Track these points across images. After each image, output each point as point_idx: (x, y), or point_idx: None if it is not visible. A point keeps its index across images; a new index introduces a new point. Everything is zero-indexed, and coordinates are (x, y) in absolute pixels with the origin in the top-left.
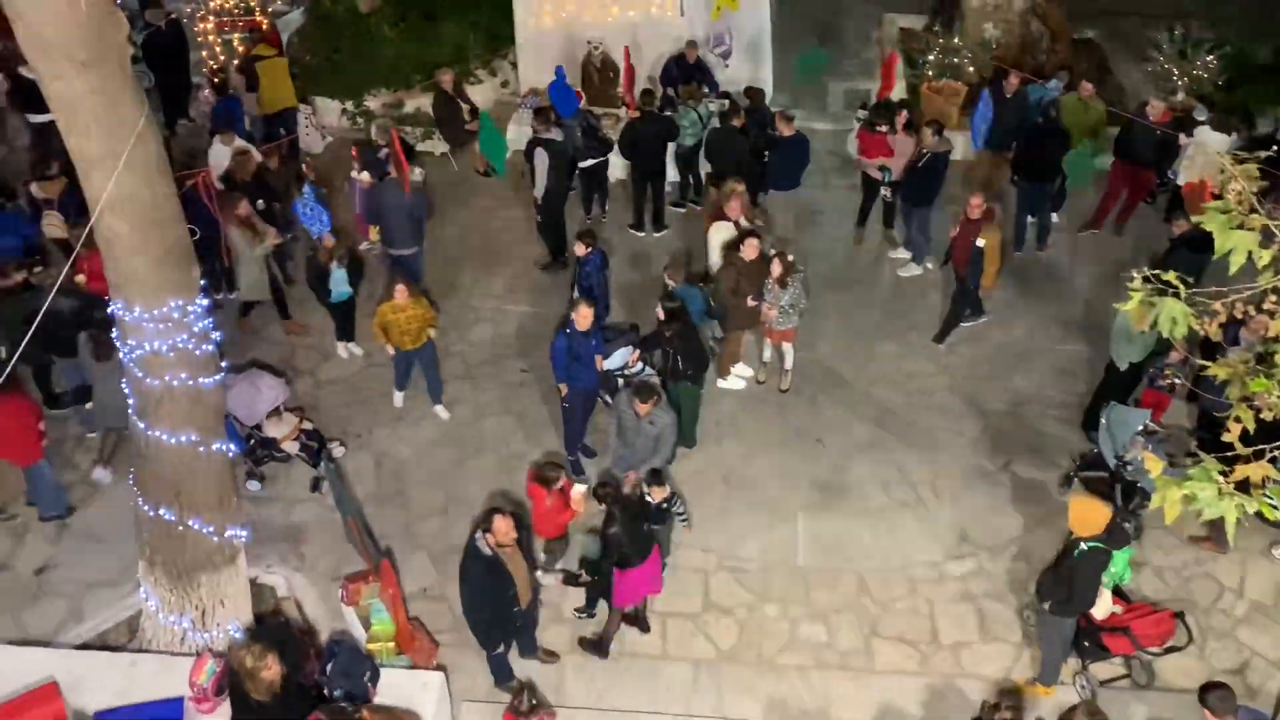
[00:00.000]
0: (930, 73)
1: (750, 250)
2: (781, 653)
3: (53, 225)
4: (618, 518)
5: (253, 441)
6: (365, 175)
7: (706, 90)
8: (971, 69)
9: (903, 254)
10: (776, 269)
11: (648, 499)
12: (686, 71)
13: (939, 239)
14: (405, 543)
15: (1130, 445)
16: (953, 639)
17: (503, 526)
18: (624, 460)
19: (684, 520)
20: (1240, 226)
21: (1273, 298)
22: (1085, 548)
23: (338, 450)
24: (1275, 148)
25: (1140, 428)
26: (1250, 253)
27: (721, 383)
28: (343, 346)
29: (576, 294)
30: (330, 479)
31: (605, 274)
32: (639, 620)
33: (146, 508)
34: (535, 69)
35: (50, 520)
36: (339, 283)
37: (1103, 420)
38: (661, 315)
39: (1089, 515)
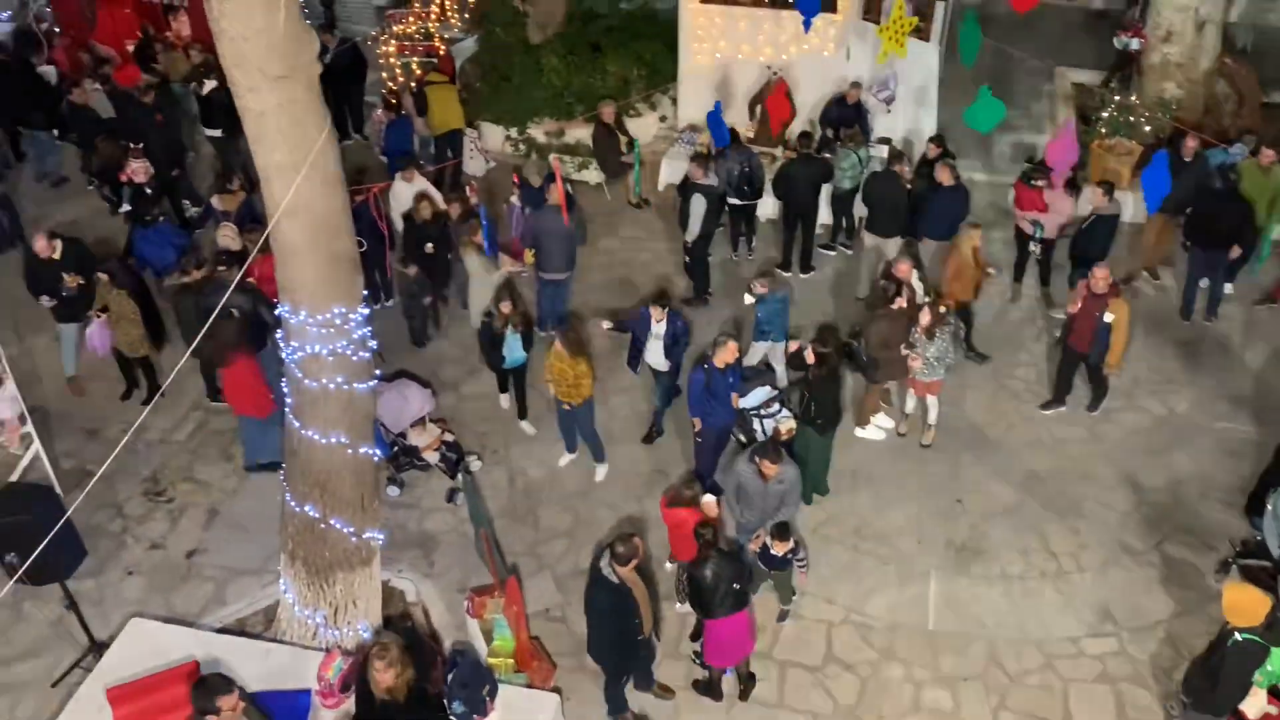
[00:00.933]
0: (1103, 130)
1: (902, 301)
2: (903, 717)
3: (226, 236)
4: (710, 561)
5: (396, 448)
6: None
7: (863, 133)
8: (1148, 129)
9: (1059, 314)
10: (925, 319)
11: (770, 551)
12: (846, 113)
13: None
14: (531, 562)
15: None
16: None
17: (627, 552)
18: (746, 527)
19: (803, 566)
20: None
21: None
22: (1239, 639)
23: (475, 464)
24: None
25: None
26: None
27: (860, 431)
28: (505, 398)
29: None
30: (466, 491)
31: (784, 314)
32: (743, 679)
33: (293, 503)
34: (695, 105)
35: (265, 468)
36: (514, 349)
37: (1269, 507)
38: (812, 358)
39: (1246, 604)
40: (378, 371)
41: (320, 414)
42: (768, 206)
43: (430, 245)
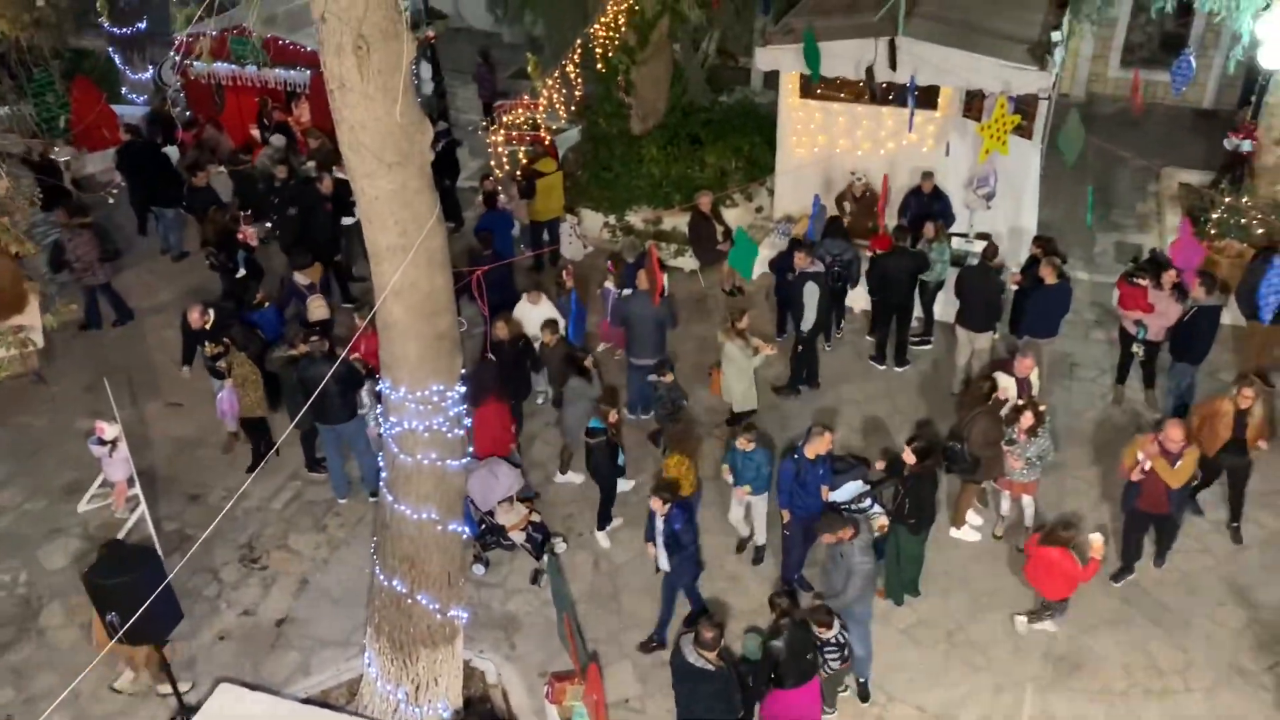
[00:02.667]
0: (1213, 231)
1: (1001, 395)
2: None
3: (318, 307)
4: (785, 631)
5: (484, 526)
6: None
7: (944, 222)
8: (1260, 231)
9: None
10: (1027, 420)
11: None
12: (924, 202)
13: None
14: (613, 648)
15: None
16: None
17: (709, 636)
18: (827, 594)
19: (834, 658)
20: None
21: None
22: None
23: (560, 546)
24: None
25: None
26: None
27: (955, 532)
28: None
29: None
30: (550, 573)
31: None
32: None
33: (382, 576)
34: (791, 196)
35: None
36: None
37: None
38: (910, 458)
39: None
40: (470, 450)
41: (413, 489)
42: (859, 298)
43: (491, 357)
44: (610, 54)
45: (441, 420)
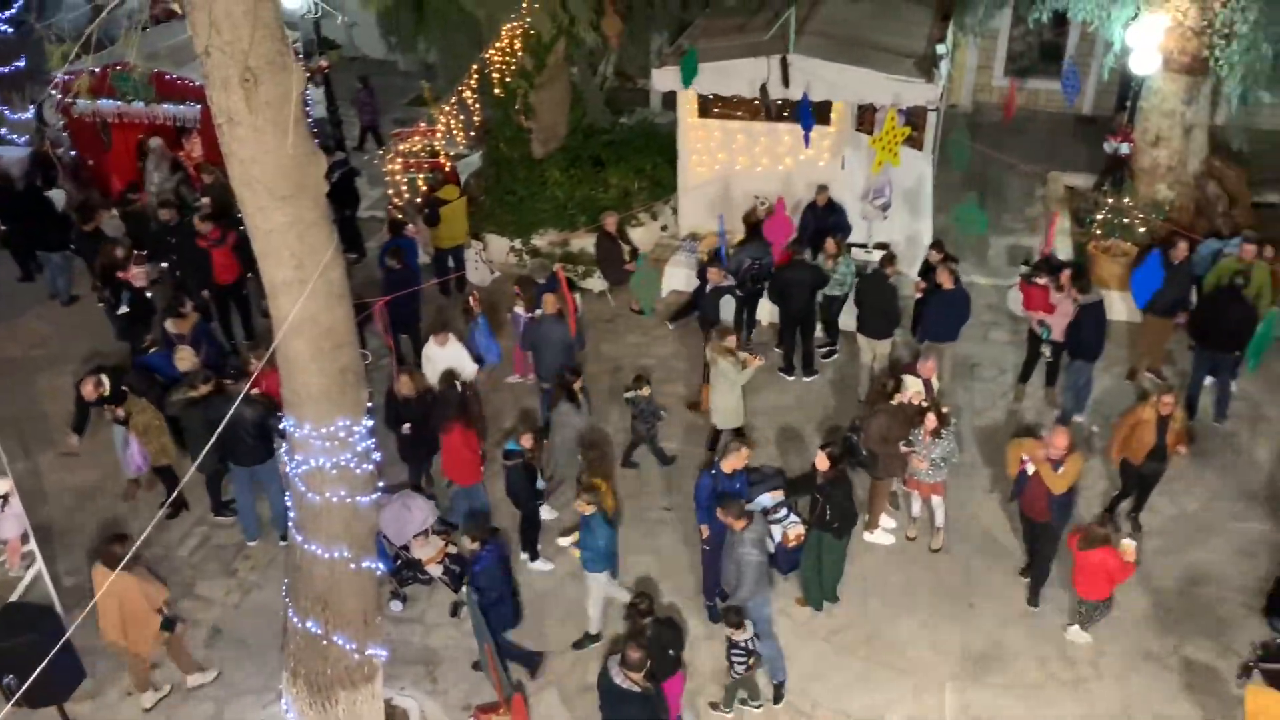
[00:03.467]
0: (1098, 231)
1: (908, 395)
2: None
3: (184, 359)
4: (648, 633)
5: (399, 562)
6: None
7: (842, 235)
8: (1142, 230)
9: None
10: (931, 422)
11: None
12: (820, 215)
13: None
14: (537, 677)
15: None
16: None
17: (636, 658)
18: (730, 593)
19: (740, 662)
20: None
21: None
22: None
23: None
24: None
25: None
26: None
27: (869, 536)
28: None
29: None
30: (470, 605)
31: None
32: None
33: (296, 619)
34: (695, 214)
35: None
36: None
37: None
38: (823, 463)
39: (1269, 711)
40: (380, 484)
41: (323, 528)
42: (766, 311)
43: (408, 427)
44: (507, 79)
45: (349, 456)
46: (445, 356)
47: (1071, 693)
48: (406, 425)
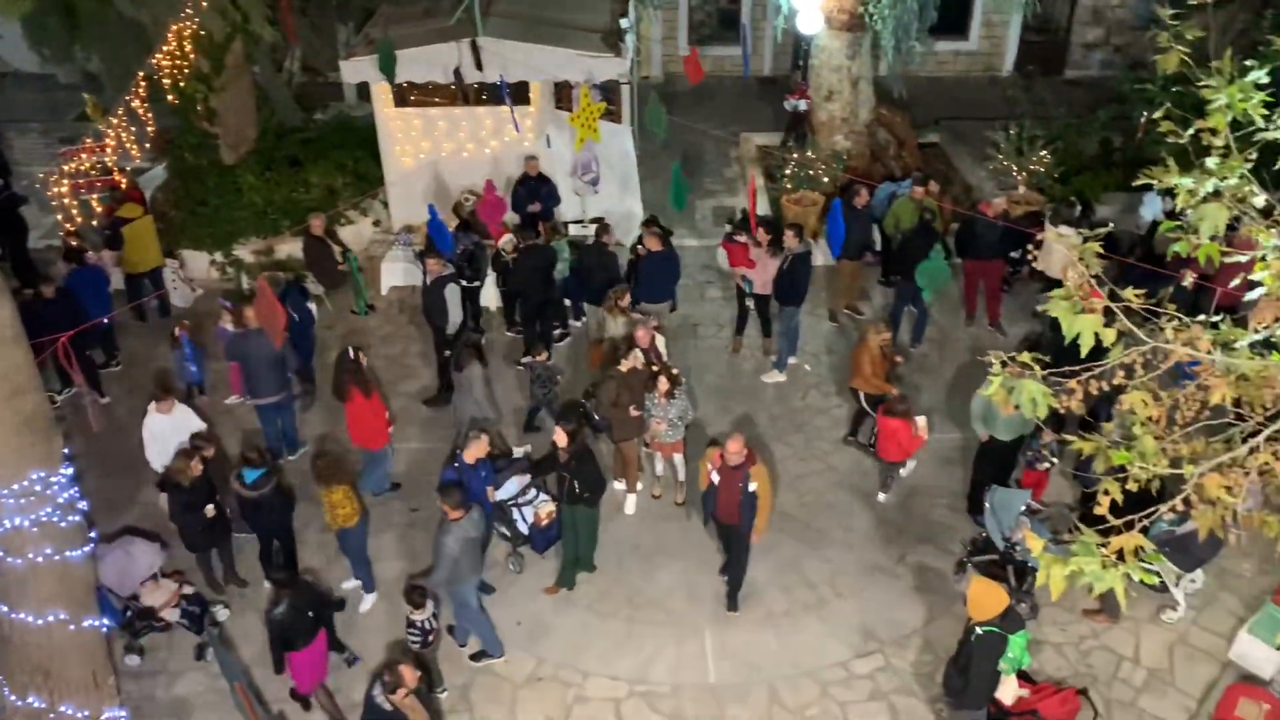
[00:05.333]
0: (788, 185)
1: (629, 362)
2: None
3: None
4: (283, 601)
5: (130, 613)
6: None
7: (554, 205)
8: (826, 179)
9: (776, 375)
10: (663, 384)
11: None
12: (532, 187)
13: (805, 340)
14: (297, 705)
15: (1015, 526)
16: None
17: (409, 675)
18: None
19: (415, 642)
20: (1084, 310)
21: (1121, 374)
22: (980, 633)
23: (222, 613)
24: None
25: (1023, 508)
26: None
27: (631, 497)
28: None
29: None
30: (214, 645)
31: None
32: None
33: (13, 697)
34: (406, 206)
35: (380, 495)
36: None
37: (987, 504)
38: (564, 439)
39: (985, 599)
40: (93, 533)
41: (32, 592)
42: (490, 296)
43: (211, 509)
44: (182, 84)
45: (51, 510)
46: (173, 427)
47: (816, 614)
48: (209, 509)
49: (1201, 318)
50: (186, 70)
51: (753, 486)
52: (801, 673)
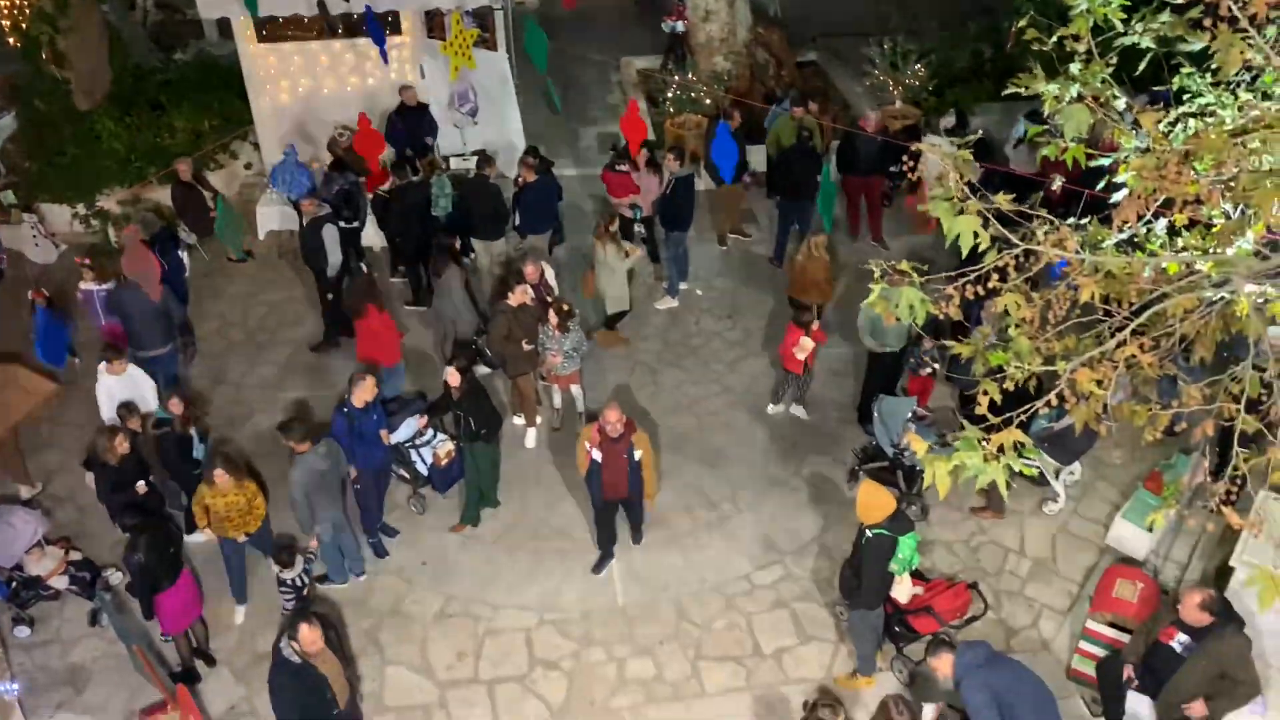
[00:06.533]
0: (670, 110)
1: (517, 297)
2: (614, 696)
3: None
4: (141, 544)
5: (14, 584)
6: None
7: (432, 138)
8: (708, 101)
9: (669, 301)
10: (554, 317)
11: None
12: (410, 118)
13: (694, 266)
14: (201, 662)
15: (903, 432)
16: (774, 647)
17: (309, 635)
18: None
19: (290, 598)
20: (962, 212)
21: (995, 277)
22: (870, 535)
23: (114, 577)
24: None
25: (909, 414)
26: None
27: (532, 431)
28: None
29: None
30: (107, 609)
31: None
32: (204, 655)
33: None
34: (278, 146)
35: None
36: (200, 452)
37: (875, 412)
38: (456, 378)
39: (874, 503)
40: None
41: None
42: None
43: (143, 485)
44: (24, 26)
45: None
46: (126, 385)
47: (719, 531)
48: (140, 485)
49: (1071, 220)
50: (28, 10)
51: (638, 455)
52: (708, 588)
